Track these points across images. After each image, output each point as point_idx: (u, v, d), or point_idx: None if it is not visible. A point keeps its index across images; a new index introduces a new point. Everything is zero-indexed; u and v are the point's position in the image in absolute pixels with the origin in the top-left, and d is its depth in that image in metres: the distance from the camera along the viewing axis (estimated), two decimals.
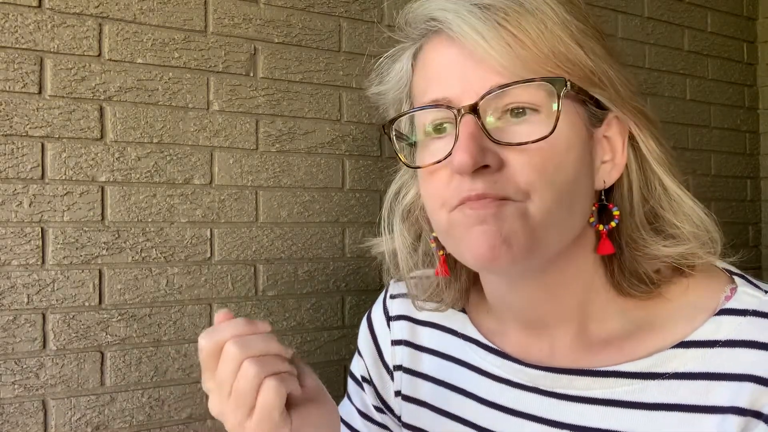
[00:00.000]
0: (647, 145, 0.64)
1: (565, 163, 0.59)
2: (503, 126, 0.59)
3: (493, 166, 0.57)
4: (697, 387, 0.59)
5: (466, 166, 0.56)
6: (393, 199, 0.77)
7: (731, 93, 2.39)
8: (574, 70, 0.59)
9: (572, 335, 0.67)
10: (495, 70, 0.58)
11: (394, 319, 0.86)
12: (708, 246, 0.63)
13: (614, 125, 0.64)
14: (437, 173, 0.62)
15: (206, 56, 1.46)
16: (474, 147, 0.57)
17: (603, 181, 0.64)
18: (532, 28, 0.57)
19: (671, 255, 0.63)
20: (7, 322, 1.26)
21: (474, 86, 0.59)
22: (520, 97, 0.58)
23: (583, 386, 0.64)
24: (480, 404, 0.72)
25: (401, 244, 0.75)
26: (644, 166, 0.65)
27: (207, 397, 0.64)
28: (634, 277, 0.64)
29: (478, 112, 0.58)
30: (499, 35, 0.57)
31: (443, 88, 0.61)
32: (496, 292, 0.71)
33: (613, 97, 0.62)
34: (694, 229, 0.63)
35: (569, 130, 0.60)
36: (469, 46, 0.58)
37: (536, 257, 0.61)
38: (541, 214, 0.58)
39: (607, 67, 0.61)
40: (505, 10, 0.58)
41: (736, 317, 0.60)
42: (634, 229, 0.64)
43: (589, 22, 0.62)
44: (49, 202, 1.29)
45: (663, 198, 0.64)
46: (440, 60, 0.62)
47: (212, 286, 1.45)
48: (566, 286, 0.65)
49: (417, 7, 0.64)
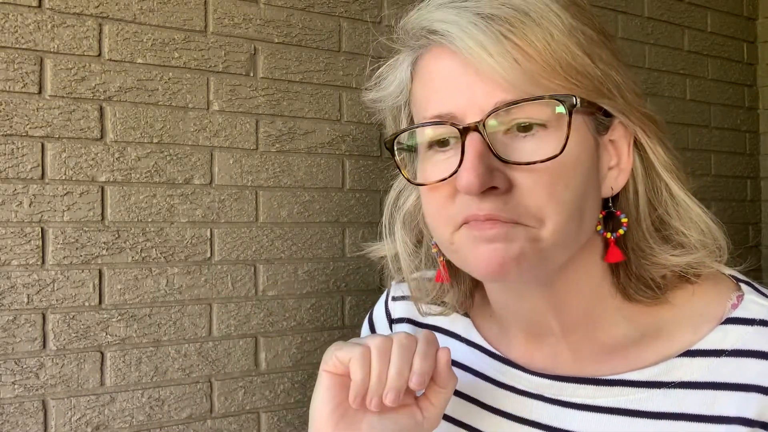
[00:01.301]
0: (654, 150, 0.62)
1: (574, 179, 0.58)
2: (510, 142, 0.57)
3: (502, 187, 0.55)
4: (703, 396, 0.58)
5: (473, 187, 0.54)
6: (393, 205, 0.76)
7: (731, 93, 2.39)
8: (583, 82, 0.57)
9: (577, 343, 0.66)
10: (501, 86, 0.55)
11: (397, 321, 0.86)
12: (715, 254, 0.62)
13: (618, 128, 0.62)
14: (441, 190, 0.60)
15: (206, 56, 1.46)
16: (481, 167, 0.54)
17: (610, 188, 0.62)
18: (539, 39, 0.55)
19: (679, 264, 0.62)
20: (7, 322, 1.26)
21: (479, 102, 0.56)
22: (528, 114, 0.56)
23: (588, 394, 0.64)
24: (483, 410, 0.72)
25: (403, 249, 0.74)
26: (650, 171, 0.63)
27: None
28: (641, 282, 0.63)
29: (484, 130, 0.56)
30: (504, 49, 0.54)
31: (447, 104, 0.59)
32: (500, 301, 0.70)
33: (622, 106, 0.60)
34: (701, 237, 0.62)
35: (577, 145, 0.58)
36: (473, 61, 0.55)
37: (545, 270, 0.60)
38: (552, 237, 0.57)
39: (614, 74, 0.59)
40: (510, 20, 0.55)
41: (743, 326, 0.59)
42: (641, 237, 0.62)
43: (595, 25, 0.60)
44: (49, 202, 1.29)
45: (670, 204, 0.63)
46: (443, 72, 0.60)
47: (212, 286, 1.45)
48: (573, 295, 0.64)
49: (416, 17, 0.61)
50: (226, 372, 1.46)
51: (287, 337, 1.54)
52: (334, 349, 0.63)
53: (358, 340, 0.64)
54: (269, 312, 1.52)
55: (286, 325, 1.54)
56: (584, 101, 0.56)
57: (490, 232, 0.56)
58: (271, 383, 1.52)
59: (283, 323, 1.54)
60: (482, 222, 0.56)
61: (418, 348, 0.62)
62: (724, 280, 0.64)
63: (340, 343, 0.64)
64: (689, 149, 2.24)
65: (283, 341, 1.53)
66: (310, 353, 1.56)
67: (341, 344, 0.63)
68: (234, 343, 1.47)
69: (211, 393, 1.44)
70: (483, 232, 0.57)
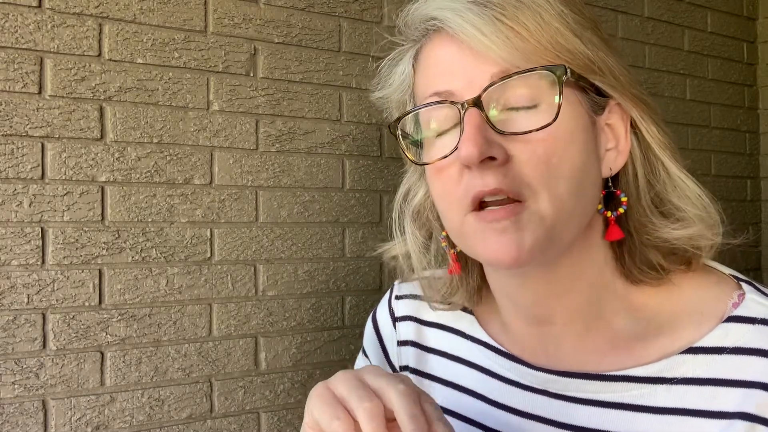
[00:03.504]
0: (649, 130, 0.65)
1: (570, 152, 0.60)
2: (506, 118, 0.59)
3: (500, 158, 0.58)
4: (704, 392, 0.59)
5: (473, 156, 0.57)
6: (402, 201, 0.77)
7: (731, 93, 2.39)
8: (574, 59, 0.60)
9: (580, 334, 0.67)
10: (495, 63, 0.59)
11: (400, 320, 0.86)
12: (714, 228, 0.64)
13: (616, 111, 0.64)
14: (446, 171, 0.62)
15: (206, 56, 1.46)
16: (480, 138, 0.57)
17: (609, 168, 0.65)
18: (530, 21, 0.58)
19: (681, 237, 0.63)
20: (7, 322, 1.26)
21: (476, 80, 0.59)
22: (522, 89, 0.59)
23: (592, 390, 0.64)
24: (489, 405, 0.72)
25: (413, 244, 0.76)
26: (647, 151, 0.65)
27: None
28: (644, 263, 0.64)
29: (481, 105, 0.59)
30: (497, 29, 0.58)
31: (445, 83, 0.62)
32: (504, 289, 0.71)
33: (613, 84, 0.63)
34: (697, 211, 0.64)
35: (572, 119, 0.60)
36: (469, 41, 0.59)
37: (553, 251, 0.62)
38: (555, 209, 0.59)
39: (604, 56, 0.62)
40: (503, 5, 0.59)
41: (745, 325, 0.60)
42: (642, 214, 0.64)
43: (585, 14, 0.63)
44: (49, 202, 1.29)
45: (667, 182, 0.65)
46: (441, 57, 0.63)
47: (212, 286, 1.45)
48: (576, 278, 0.65)
49: (415, 8, 0.65)
50: (226, 372, 1.46)
51: (287, 337, 1.54)
52: (311, 407, 0.54)
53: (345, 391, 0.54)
54: (269, 312, 1.52)
55: (286, 325, 1.54)
56: (575, 73, 0.59)
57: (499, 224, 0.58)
58: (271, 383, 1.52)
59: (283, 323, 1.54)
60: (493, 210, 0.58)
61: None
62: (725, 280, 0.65)
63: (319, 390, 0.55)
64: (689, 149, 2.24)
65: (283, 341, 1.53)
66: (310, 353, 1.57)
67: (322, 394, 0.54)
68: (234, 343, 1.47)
69: (211, 393, 1.44)
70: (492, 224, 0.59)
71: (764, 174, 2.45)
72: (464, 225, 0.62)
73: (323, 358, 1.58)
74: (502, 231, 0.58)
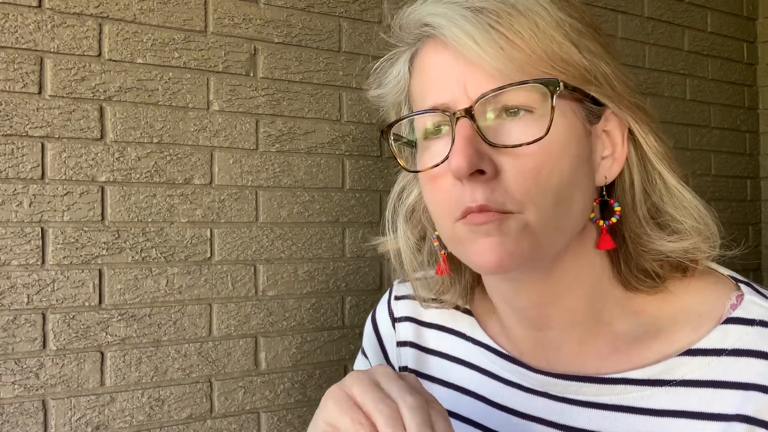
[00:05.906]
0: (646, 140, 0.64)
1: (561, 165, 0.59)
2: (499, 129, 0.59)
3: (489, 172, 0.57)
4: (703, 394, 0.59)
5: (462, 169, 0.56)
6: (396, 200, 0.77)
7: (731, 93, 2.39)
8: (569, 69, 0.59)
9: (580, 338, 0.67)
10: (488, 73, 0.58)
11: (400, 320, 0.86)
12: (710, 240, 0.63)
13: (612, 119, 0.64)
14: (439, 180, 0.62)
15: (206, 56, 1.46)
16: (470, 150, 0.57)
17: (604, 176, 0.64)
18: (525, 29, 0.57)
19: (676, 250, 0.63)
20: (7, 322, 1.26)
21: (468, 90, 0.59)
22: (515, 100, 0.58)
23: (592, 392, 0.65)
24: (489, 406, 0.72)
25: (405, 244, 0.76)
26: (645, 161, 0.65)
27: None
28: (641, 272, 0.64)
29: (473, 115, 0.58)
30: (491, 38, 0.57)
31: (440, 94, 0.61)
32: (500, 295, 0.71)
33: (610, 94, 0.62)
34: (694, 223, 0.63)
35: (565, 130, 0.60)
36: (462, 50, 0.58)
37: (540, 259, 0.61)
38: (540, 222, 0.59)
39: (603, 64, 0.61)
40: (497, 12, 0.58)
41: (743, 326, 0.60)
42: (637, 224, 0.64)
43: (584, 19, 0.62)
44: (49, 202, 1.29)
45: (664, 193, 0.64)
46: (435, 65, 0.62)
47: (212, 286, 1.45)
48: (571, 286, 0.65)
49: (410, 12, 0.64)
50: (226, 372, 1.46)
51: (287, 337, 1.54)
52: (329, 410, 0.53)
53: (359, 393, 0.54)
54: (269, 312, 1.52)
55: (286, 325, 1.54)
56: (568, 86, 0.58)
57: (484, 227, 0.58)
58: (271, 383, 1.52)
59: (283, 323, 1.54)
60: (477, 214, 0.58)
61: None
62: (723, 281, 0.65)
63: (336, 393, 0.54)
64: (689, 149, 2.24)
65: (283, 341, 1.53)
66: (310, 353, 1.57)
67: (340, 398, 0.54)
68: (234, 343, 1.47)
69: (211, 393, 1.44)
70: (478, 226, 0.58)
71: (764, 174, 2.45)
72: (455, 231, 0.62)
73: (323, 358, 1.58)
74: (486, 234, 0.58)
